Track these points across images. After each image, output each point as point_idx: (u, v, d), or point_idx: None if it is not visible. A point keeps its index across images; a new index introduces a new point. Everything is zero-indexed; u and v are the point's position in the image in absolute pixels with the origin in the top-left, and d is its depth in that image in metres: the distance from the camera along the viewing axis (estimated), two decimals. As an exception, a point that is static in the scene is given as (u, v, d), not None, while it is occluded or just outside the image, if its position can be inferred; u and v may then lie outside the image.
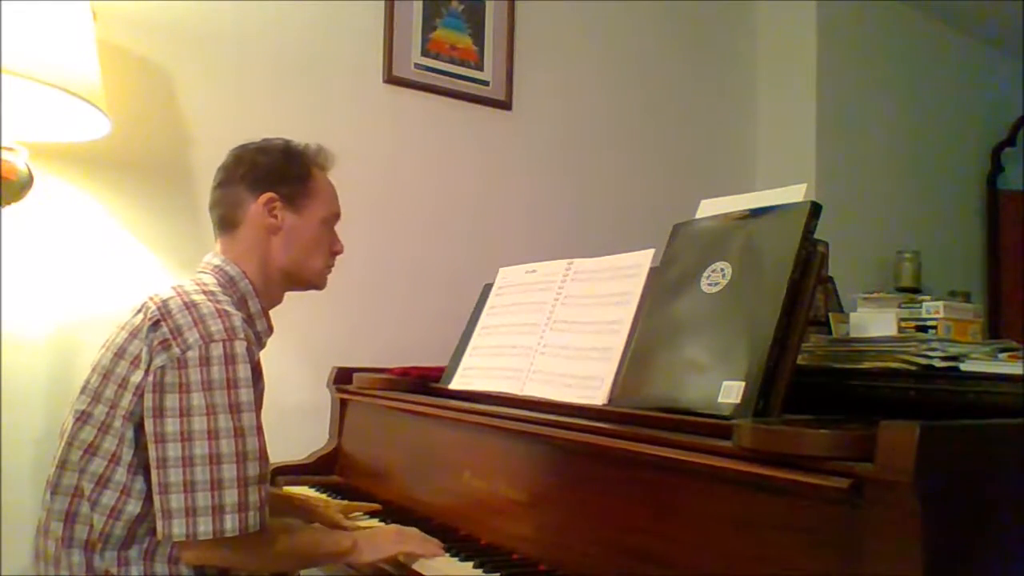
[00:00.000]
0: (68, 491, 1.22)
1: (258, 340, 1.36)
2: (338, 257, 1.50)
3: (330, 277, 1.50)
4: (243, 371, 1.19)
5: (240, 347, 1.19)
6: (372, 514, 1.60)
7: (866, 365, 1.38)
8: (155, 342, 1.18)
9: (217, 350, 1.17)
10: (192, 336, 1.18)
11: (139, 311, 1.26)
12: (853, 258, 2.84)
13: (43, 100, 1.59)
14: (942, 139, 3.53)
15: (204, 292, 1.26)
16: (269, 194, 1.37)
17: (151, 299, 1.24)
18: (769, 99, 3.15)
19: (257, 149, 1.42)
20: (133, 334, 1.23)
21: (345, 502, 1.63)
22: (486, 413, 1.45)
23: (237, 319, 1.23)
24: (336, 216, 1.47)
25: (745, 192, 1.31)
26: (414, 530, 1.36)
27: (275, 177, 1.39)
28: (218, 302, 1.25)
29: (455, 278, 2.33)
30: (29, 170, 1.60)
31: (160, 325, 1.19)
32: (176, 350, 1.17)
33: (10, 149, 1.56)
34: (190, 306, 1.21)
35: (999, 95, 3.79)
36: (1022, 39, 3.55)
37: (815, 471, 0.87)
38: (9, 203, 1.60)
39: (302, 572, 1.56)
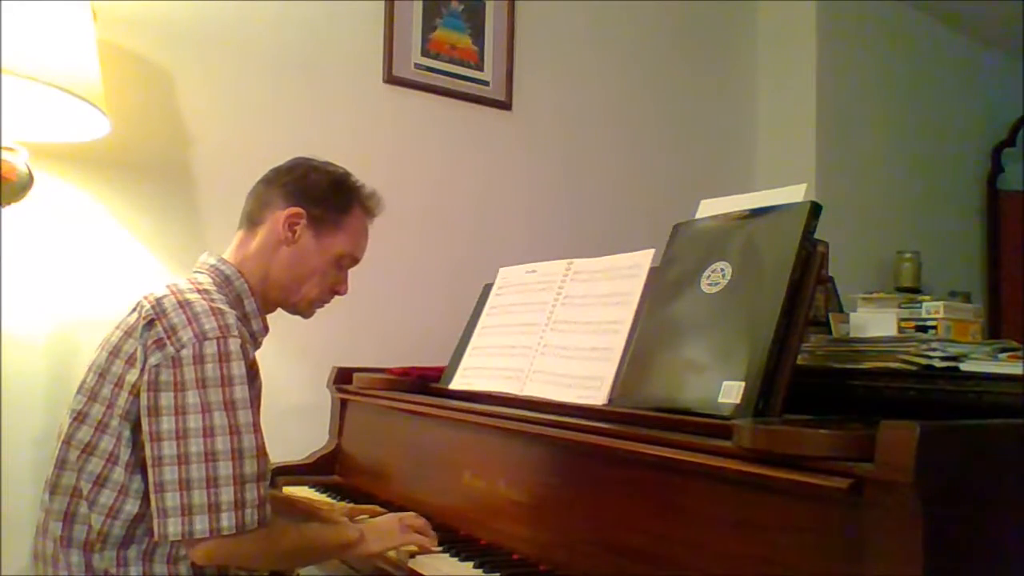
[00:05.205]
0: (66, 491, 1.22)
1: (253, 339, 1.35)
2: None
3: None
4: (237, 368, 1.19)
5: (234, 344, 1.19)
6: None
7: (866, 365, 1.38)
8: (149, 341, 1.18)
9: (211, 348, 1.17)
10: (186, 334, 1.18)
11: (134, 310, 1.27)
12: (853, 258, 2.84)
13: (43, 100, 1.59)
14: (942, 139, 3.53)
15: (199, 291, 1.26)
16: (298, 209, 1.38)
17: (146, 298, 1.25)
18: (769, 99, 3.15)
19: (313, 167, 1.43)
20: (128, 333, 1.24)
21: (350, 505, 1.62)
22: (486, 413, 1.45)
23: (231, 317, 1.23)
24: (353, 260, 1.46)
25: (745, 192, 1.31)
26: (413, 514, 1.38)
27: (314, 197, 1.39)
28: (212, 300, 1.25)
29: (455, 278, 2.33)
30: (29, 170, 1.60)
31: (154, 324, 1.19)
32: (170, 348, 1.17)
33: (10, 149, 1.56)
34: (184, 304, 1.21)
35: (999, 95, 3.79)
36: (1022, 39, 3.55)
37: (815, 471, 0.87)
38: (9, 203, 1.60)
39: (301, 571, 1.56)
